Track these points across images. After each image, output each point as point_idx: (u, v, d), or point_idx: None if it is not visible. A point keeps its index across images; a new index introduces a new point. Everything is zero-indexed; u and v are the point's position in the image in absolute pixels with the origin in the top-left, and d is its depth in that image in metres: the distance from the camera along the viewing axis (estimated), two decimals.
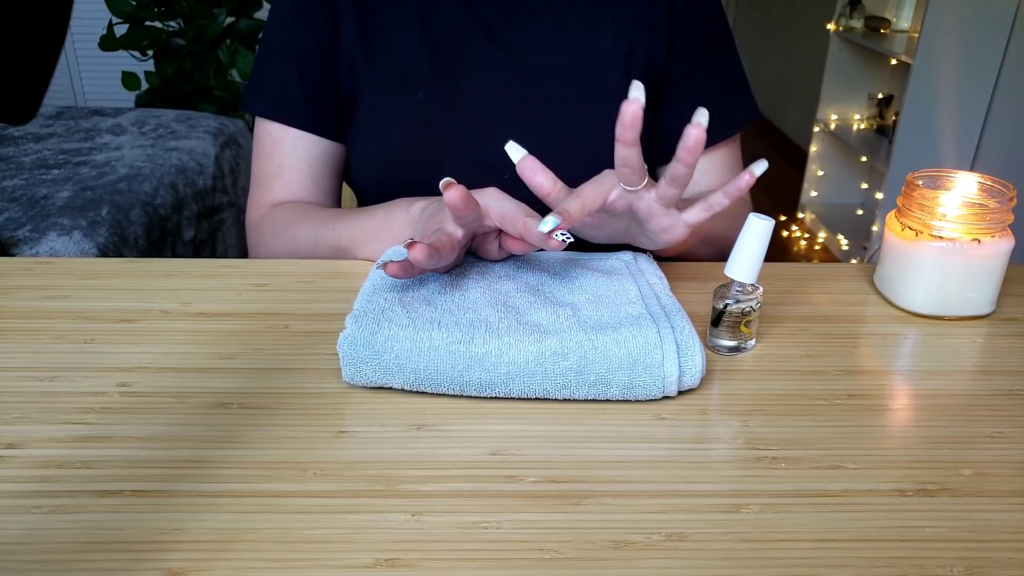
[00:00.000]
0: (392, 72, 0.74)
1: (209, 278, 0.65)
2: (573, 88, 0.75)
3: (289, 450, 0.45)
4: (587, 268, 0.60)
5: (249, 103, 0.77)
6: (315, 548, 0.38)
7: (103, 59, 3.08)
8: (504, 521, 0.40)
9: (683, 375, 0.49)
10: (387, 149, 0.75)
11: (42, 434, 0.46)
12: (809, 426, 0.48)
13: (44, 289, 0.63)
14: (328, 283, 0.65)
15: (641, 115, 0.48)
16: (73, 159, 1.69)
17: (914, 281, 0.61)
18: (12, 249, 1.33)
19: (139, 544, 0.38)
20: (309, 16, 0.74)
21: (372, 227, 0.67)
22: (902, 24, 2.84)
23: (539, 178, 0.52)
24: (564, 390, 0.48)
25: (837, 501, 0.42)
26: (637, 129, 0.49)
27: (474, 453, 0.45)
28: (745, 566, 0.37)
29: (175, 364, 0.53)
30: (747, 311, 0.54)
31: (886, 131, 2.76)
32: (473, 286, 0.56)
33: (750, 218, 0.52)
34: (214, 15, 2.50)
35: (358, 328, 0.49)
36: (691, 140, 0.49)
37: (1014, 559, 0.38)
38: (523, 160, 0.52)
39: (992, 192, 0.61)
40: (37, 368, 0.52)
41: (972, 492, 0.42)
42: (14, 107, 0.31)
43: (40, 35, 0.31)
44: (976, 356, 0.56)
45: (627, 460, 0.44)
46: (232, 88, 2.57)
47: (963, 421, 0.49)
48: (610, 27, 0.75)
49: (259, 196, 0.77)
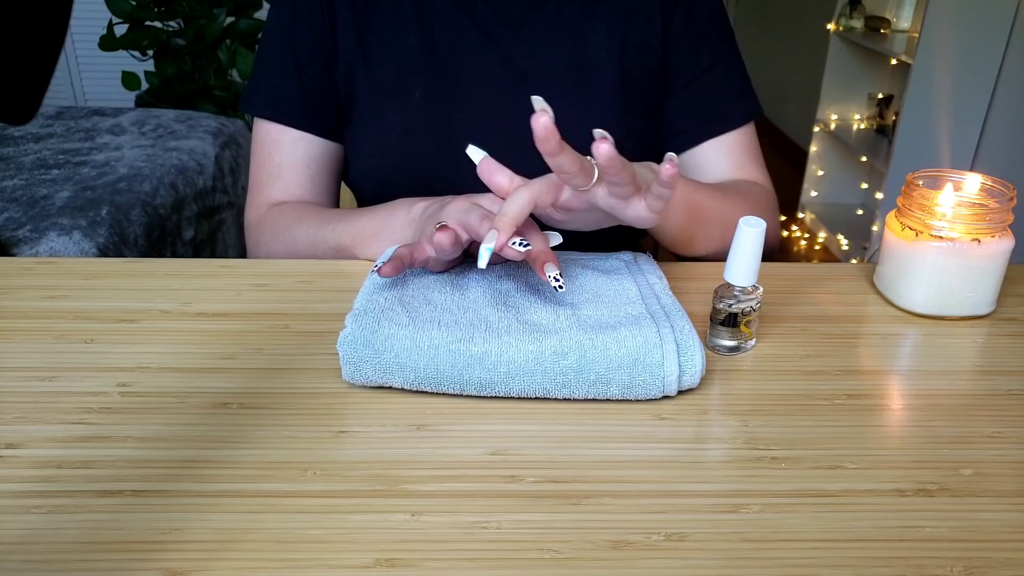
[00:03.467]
0: (389, 72, 0.74)
1: (209, 278, 0.65)
2: (569, 86, 0.75)
3: (289, 450, 0.45)
4: (587, 268, 0.60)
5: (248, 103, 0.77)
6: (315, 548, 0.38)
7: (103, 59, 3.07)
8: (504, 521, 0.40)
9: (683, 375, 0.49)
10: (384, 149, 0.75)
11: (42, 434, 0.46)
12: (809, 426, 0.48)
13: (44, 289, 0.63)
14: (328, 283, 0.65)
15: (551, 125, 0.47)
16: (73, 159, 1.69)
17: (914, 281, 0.61)
18: (12, 249, 1.33)
19: (139, 544, 0.38)
20: (308, 17, 0.74)
21: (373, 227, 0.67)
22: (902, 24, 2.84)
23: (497, 178, 0.53)
24: (564, 389, 0.48)
25: (837, 501, 0.42)
26: (553, 140, 0.48)
27: (474, 453, 0.45)
28: (745, 566, 0.37)
29: (175, 364, 0.53)
30: (747, 311, 0.54)
31: (886, 131, 2.75)
32: (473, 285, 0.56)
33: (740, 225, 0.52)
34: (214, 15, 2.50)
35: (358, 327, 0.49)
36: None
37: (1014, 559, 0.38)
38: (482, 162, 0.54)
39: (992, 192, 0.61)
40: (37, 368, 0.52)
41: (972, 492, 0.42)
42: (14, 107, 0.31)
43: (40, 35, 0.31)
44: (976, 356, 0.56)
45: (627, 460, 0.44)
46: (232, 88, 2.57)
47: (963, 421, 0.49)
48: (604, 25, 0.75)
49: (258, 196, 0.77)
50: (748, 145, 0.80)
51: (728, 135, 0.78)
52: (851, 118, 2.96)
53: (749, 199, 0.74)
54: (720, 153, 0.78)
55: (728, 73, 0.79)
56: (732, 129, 0.78)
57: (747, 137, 0.80)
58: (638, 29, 0.76)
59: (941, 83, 2.29)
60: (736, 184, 0.77)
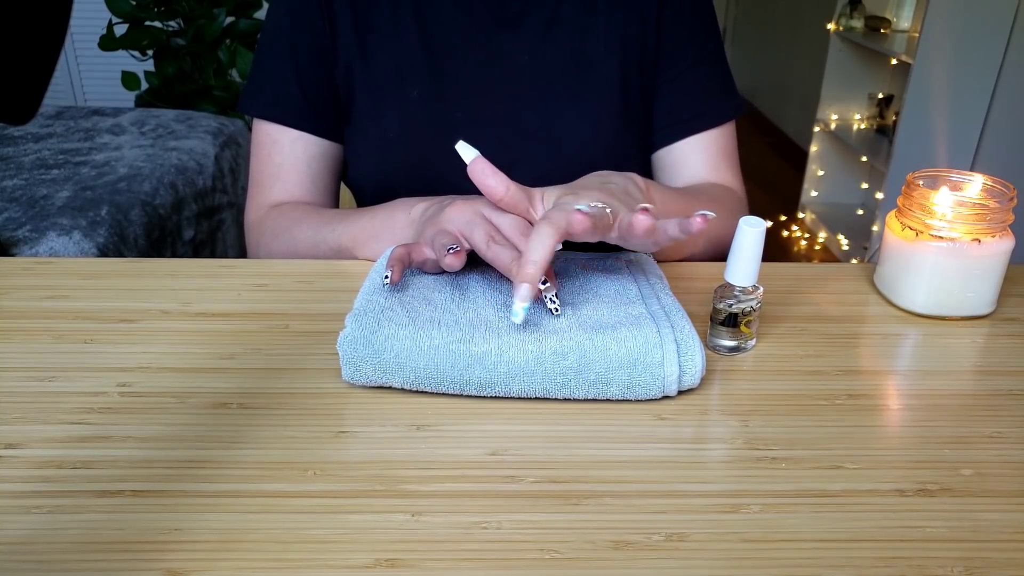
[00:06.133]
0: (387, 71, 0.74)
1: (209, 278, 0.65)
2: (567, 84, 0.75)
3: (289, 450, 0.45)
4: (587, 267, 0.60)
5: (247, 104, 0.77)
6: (315, 548, 0.38)
7: (103, 59, 3.08)
8: (504, 521, 0.40)
9: (683, 375, 0.49)
10: (383, 148, 0.75)
11: (42, 434, 0.46)
12: (809, 426, 0.48)
13: (44, 289, 0.63)
14: (328, 283, 0.65)
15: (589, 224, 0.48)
16: (73, 159, 1.69)
17: (914, 281, 0.61)
18: (12, 249, 1.33)
19: (139, 544, 0.38)
20: (306, 17, 0.74)
21: (373, 228, 0.67)
22: (902, 24, 2.84)
23: (490, 182, 0.51)
24: (564, 389, 0.48)
25: (837, 501, 0.41)
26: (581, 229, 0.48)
27: (474, 453, 0.45)
28: (745, 566, 0.37)
29: (175, 364, 0.53)
30: (747, 311, 0.54)
31: (886, 131, 2.76)
32: (473, 285, 0.56)
33: (740, 226, 0.52)
34: (214, 15, 2.50)
35: (358, 327, 0.49)
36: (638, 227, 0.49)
37: (1014, 559, 0.38)
38: (474, 162, 0.51)
39: (992, 192, 0.61)
40: (37, 368, 0.52)
41: (972, 492, 0.42)
42: (14, 107, 0.31)
43: (40, 35, 0.31)
44: (976, 356, 0.56)
45: (627, 460, 0.44)
46: (232, 88, 2.57)
47: (963, 421, 0.49)
48: (602, 21, 0.75)
49: (258, 197, 0.77)
50: (725, 147, 0.79)
51: (705, 135, 0.78)
52: (851, 118, 2.96)
53: (721, 205, 0.74)
54: (696, 153, 0.78)
55: (711, 72, 0.79)
56: (709, 128, 0.78)
57: (724, 139, 0.79)
58: (636, 24, 0.76)
59: (941, 83, 2.29)
60: (709, 189, 0.77)
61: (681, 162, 0.78)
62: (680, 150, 0.78)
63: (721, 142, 0.79)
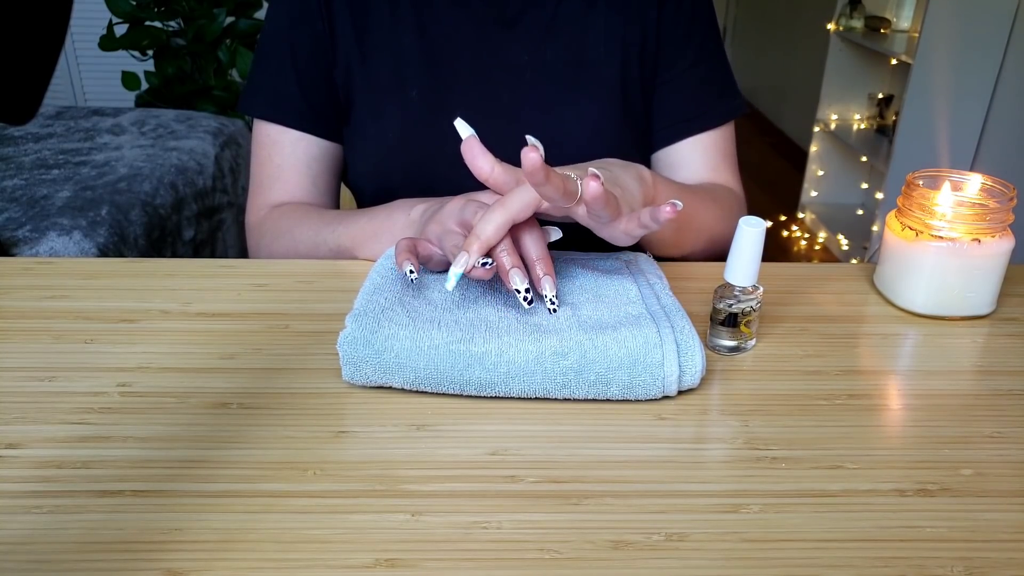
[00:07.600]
0: (386, 71, 0.74)
1: (209, 278, 0.65)
2: (567, 83, 0.75)
3: (289, 450, 0.45)
4: (587, 267, 0.60)
5: (247, 104, 0.77)
6: (315, 548, 0.38)
7: (103, 59, 3.07)
8: (504, 521, 0.40)
9: (683, 375, 0.49)
10: (382, 148, 0.75)
11: (42, 434, 0.46)
12: (809, 426, 0.48)
13: (44, 289, 0.63)
14: (328, 283, 0.65)
15: (540, 161, 0.47)
16: (73, 159, 1.69)
17: (914, 281, 0.61)
18: (12, 249, 1.33)
19: (139, 544, 0.38)
20: (305, 17, 0.74)
21: (373, 228, 0.67)
22: (902, 24, 2.84)
23: (479, 161, 0.52)
24: (564, 389, 0.48)
25: (837, 501, 0.42)
26: (539, 174, 0.47)
27: (474, 453, 0.45)
28: (745, 566, 0.37)
29: (175, 364, 0.53)
30: (747, 311, 0.54)
31: (886, 131, 2.75)
32: (473, 285, 0.56)
33: (740, 226, 0.52)
34: (214, 15, 2.50)
35: (358, 327, 0.49)
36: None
37: (1014, 559, 0.38)
38: (468, 140, 0.52)
39: (992, 192, 0.61)
40: (37, 368, 0.52)
41: (972, 492, 0.42)
42: (14, 107, 0.31)
43: (40, 35, 0.31)
44: (976, 356, 0.56)
45: (627, 460, 0.44)
46: (232, 88, 2.57)
47: (963, 421, 0.49)
48: (602, 21, 0.75)
49: (259, 198, 0.77)
50: (724, 147, 0.80)
51: (705, 135, 0.78)
52: (851, 118, 2.96)
53: (722, 205, 0.74)
54: (696, 153, 0.78)
55: (711, 73, 0.79)
56: (709, 129, 0.78)
57: (724, 139, 0.79)
58: (636, 23, 0.76)
59: (941, 83, 2.29)
60: (710, 188, 0.77)
61: (680, 162, 0.78)
62: (680, 150, 0.78)
63: (721, 142, 0.79)
